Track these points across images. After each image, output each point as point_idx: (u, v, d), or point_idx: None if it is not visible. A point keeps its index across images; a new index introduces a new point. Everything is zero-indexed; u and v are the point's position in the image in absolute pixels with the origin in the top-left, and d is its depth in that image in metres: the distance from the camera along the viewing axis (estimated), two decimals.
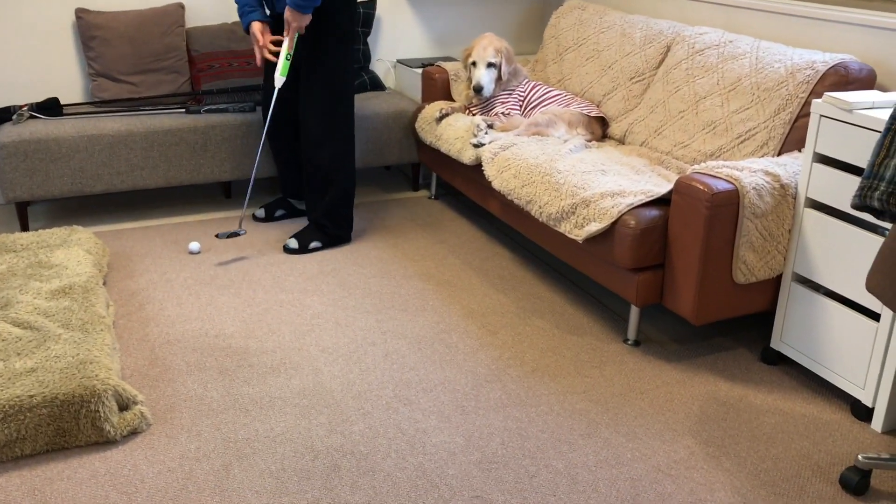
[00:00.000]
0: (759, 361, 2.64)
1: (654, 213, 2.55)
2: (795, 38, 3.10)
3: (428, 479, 2.05)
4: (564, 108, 3.45)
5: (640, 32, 3.48)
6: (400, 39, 4.46)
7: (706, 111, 2.99)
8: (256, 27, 3.24)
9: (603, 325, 2.85)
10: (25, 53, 3.76)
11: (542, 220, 2.85)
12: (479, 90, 3.52)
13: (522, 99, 3.57)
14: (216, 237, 3.43)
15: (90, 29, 3.68)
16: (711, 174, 2.46)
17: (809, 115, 2.58)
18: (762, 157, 2.75)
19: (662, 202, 2.60)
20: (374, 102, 3.98)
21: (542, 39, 4.73)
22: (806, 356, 2.48)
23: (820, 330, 2.42)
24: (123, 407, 2.21)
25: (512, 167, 3.04)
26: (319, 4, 3.06)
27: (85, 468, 2.07)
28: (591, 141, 3.36)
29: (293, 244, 3.35)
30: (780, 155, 2.72)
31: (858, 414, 2.34)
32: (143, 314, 2.83)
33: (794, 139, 2.71)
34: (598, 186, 2.70)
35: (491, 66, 3.51)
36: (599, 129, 3.47)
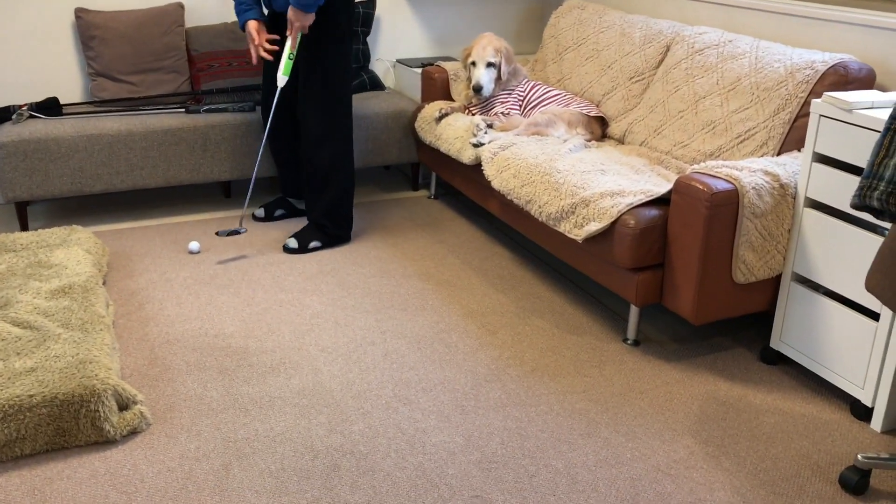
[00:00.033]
0: (758, 361, 2.64)
1: (653, 212, 2.55)
2: (795, 37, 3.10)
3: (427, 478, 2.05)
4: (564, 107, 3.45)
5: (639, 32, 3.48)
6: (399, 39, 4.46)
7: (706, 111, 2.99)
8: (252, 26, 3.25)
9: (602, 324, 2.85)
10: (25, 53, 3.76)
11: (541, 219, 2.85)
12: (478, 90, 3.52)
13: (522, 99, 3.57)
14: (216, 234, 3.43)
15: (90, 28, 3.68)
16: (711, 174, 2.46)
17: (809, 114, 2.58)
18: (762, 156, 2.75)
19: (662, 202, 2.60)
20: (373, 102, 3.98)
21: (541, 39, 4.72)
22: (805, 356, 2.48)
23: (819, 330, 2.42)
24: (123, 407, 2.21)
25: (511, 167, 3.04)
26: (323, 3, 3.06)
27: (85, 468, 2.07)
28: (590, 141, 3.36)
29: (293, 244, 3.35)
30: (779, 155, 2.72)
31: (858, 413, 2.34)
32: (142, 314, 2.83)
33: (793, 139, 2.71)
34: (597, 186, 2.70)
35: (490, 65, 3.51)
36: (599, 128, 3.47)
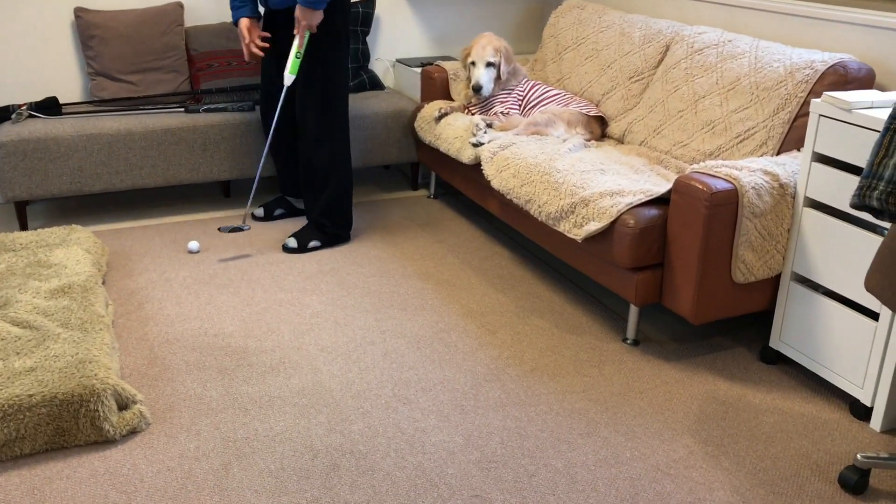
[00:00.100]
0: (758, 361, 2.64)
1: (653, 212, 2.55)
2: (795, 37, 3.10)
3: (427, 478, 2.05)
4: (563, 107, 3.45)
5: (639, 32, 3.48)
6: (399, 39, 4.46)
7: (705, 110, 2.99)
8: (244, 24, 3.24)
9: (602, 324, 2.85)
10: (24, 53, 3.76)
11: (541, 219, 2.85)
12: (478, 89, 3.52)
13: (521, 98, 3.57)
14: (218, 230, 3.43)
15: (89, 28, 3.68)
16: (710, 173, 2.46)
17: (808, 114, 2.58)
18: (761, 156, 2.75)
19: (661, 201, 2.60)
20: (373, 102, 3.98)
21: (541, 39, 4.72)
22: (805, 355, 2.48)
23: (819, 329, 2.42)
24: (123, 406, 2.21)
25: (511, 166, 3.04)
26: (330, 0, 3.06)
27: (84, 467, 2.07)
28: (590, 140, 3.36)
29: (292, 243, 3.35)
30: (779, 154, 2.72)
31: (857, 413, 2.34)
32: (142, 313, 2.83)
33: (793, 138, 2.71)
34: (597, 186, 2.70)
35: (490, 65, 3.51)
36: (598, 128, 3.47)
